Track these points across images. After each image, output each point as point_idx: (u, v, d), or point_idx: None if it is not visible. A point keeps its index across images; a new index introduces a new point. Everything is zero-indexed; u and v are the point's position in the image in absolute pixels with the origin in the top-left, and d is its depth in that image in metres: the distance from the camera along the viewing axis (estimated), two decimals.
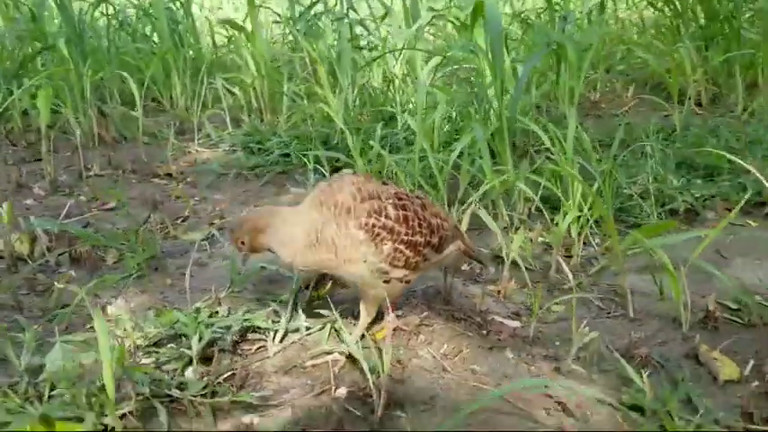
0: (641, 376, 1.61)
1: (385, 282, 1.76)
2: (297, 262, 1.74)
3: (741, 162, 2.82)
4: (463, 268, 2.37)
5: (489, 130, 2.75)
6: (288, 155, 3.49)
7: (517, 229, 2.46)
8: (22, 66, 4.48)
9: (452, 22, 3.04)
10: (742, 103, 4.07)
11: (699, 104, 4.51)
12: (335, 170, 3.28)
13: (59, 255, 2.53)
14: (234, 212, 2.98)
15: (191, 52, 4.81)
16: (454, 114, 3.17)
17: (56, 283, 2.16)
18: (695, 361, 1.79)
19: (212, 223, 2.86)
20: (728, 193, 2.88)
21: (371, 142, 2.76)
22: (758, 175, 2.77)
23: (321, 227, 1.68)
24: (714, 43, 4.71)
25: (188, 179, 3.48)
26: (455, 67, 3.74)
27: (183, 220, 2.93)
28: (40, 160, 3.73)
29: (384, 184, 1.82)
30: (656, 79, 4.93)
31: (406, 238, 1.73)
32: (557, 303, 2.06)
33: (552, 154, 2.72)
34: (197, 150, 3.89)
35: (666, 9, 5.29)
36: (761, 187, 2.71)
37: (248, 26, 4.26)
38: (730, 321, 1.98)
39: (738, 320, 1.98)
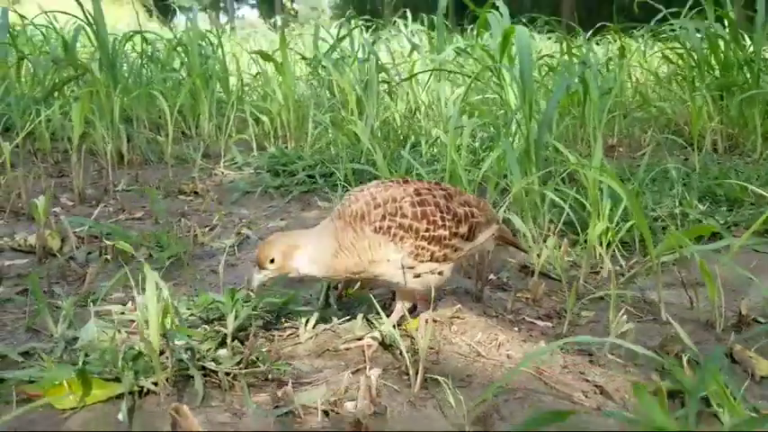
0: (681, 365, 1.61)
1: (416, 276, 1.77)
2: (329, 274, 1.74)
3: (763, 192, 2.89)
4: (490, 278, 2.38)
5: (517, 151, 2.80)
6: (313, 176, 3.54)
7: (547, 237, 2.47)
8: (53, 91, 4.60)
9: (484, 50, 3.12)
10: (760, 148, 4.12)
11: (715, 151, 4.59)
12: None
13: (89, 253, 2.56)
14: (260, 225, 3.01)
15: (218, 84, 4.93)
16: (479, 141, 3.22)
17: (88, 271, 2.18)
18: (730, 359, 1.78)
19: (239, 233, 2.89)
20: (753, 222, 2.89)
21: (402, 152, 2.80)
22: None
23: (341, 234, 1.71)
24: (730, 93, 4.81)
25: (214, 196, 3.52)
26: (479, 97, 3.82)
27: (210, 230, 2.95)
28: (66, 176, 3.80)
29: (405, 182, 1.83)
30: (673, 127, 5.04)
31: (427, 234, 1.73)
32: (587, 309, 2.07)
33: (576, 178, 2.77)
34: (222, 173, 3.95)
35: (681, 61, 5.44)
36: None
37: (278, 58, 4.38)
38: (762, 326, 1.98)
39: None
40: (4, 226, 2.90)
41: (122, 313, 1.86)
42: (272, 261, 1.72)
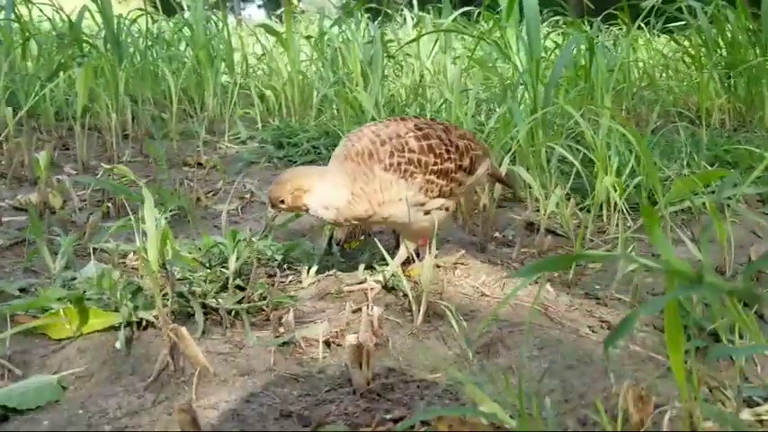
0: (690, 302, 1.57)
1: (426, 214, 1.73)
2: (340, 219, 1.69)
3: None
4: (495, 235, 2.35)
5: (524, 111, 2.77)
6: (317, 147, 3.51)
7: (550, 193, 2.43)
8: (58, 70, 4.59)
9: (488, 8, 3.08)
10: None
11: (722, 128, 4.54)
12: None
13: (90, 213, 2.53)
14: (264, 191, 2.99)
15: (223, 64, 4.91)
16: (485, 110, 3.19)
17: (90, 220, 2.16)
18: (743, 304, 1.75)
19: (242, 197, 2.86)
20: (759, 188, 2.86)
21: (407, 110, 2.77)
22: None
23: (352, 179, 1.66)
24: (737, 71, 4.76)
25: (218, 167, 3.50)
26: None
27: (214, 194, 2.93)
28: (70, 149, 3.79)
29: (403, 119, 1.78)
30: (680, 107, 4.98)
31: (435, 167, 1.69)
32: (593, 262, 2.03)
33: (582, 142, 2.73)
34: (227, 146, 3.93)
35: (688, 42, 5.39)
36: None
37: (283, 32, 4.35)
38: None
39: None
40: (6, 190, 2.89)
41: (121, 250, 1.83)
42: (281, 202, 1.68)
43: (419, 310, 1.55)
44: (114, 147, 3.62)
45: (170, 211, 2.34)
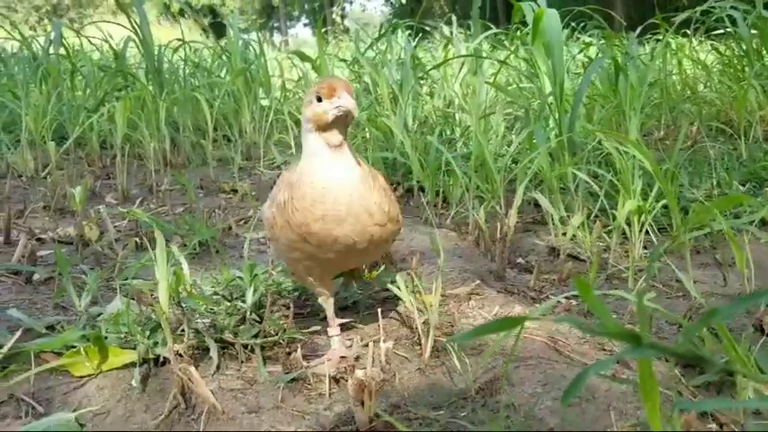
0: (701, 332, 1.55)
1: None
2: None
3: None
4: (518, 261, 2.35)
5: (548, 134, 2.76)
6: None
7: (571, 216, 2.42)
8: (103, 100, 4.78)
9: (514, 35, 3.09)
10: None
11: (766, 141, 4.42)
12: (393, 183, 3.33)
13: (125, 245, 2.63)
14: None
15: (261, 89, 5.02)
16: (505, 125, 3.19)
17: (119, 254, 2.25)
18: (760, 332, 1.71)
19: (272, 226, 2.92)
20: None
21: (429, 137, 2.80)
22: None
23: None
24: None
25: (253, 193, 3.58)
26: (512, 86, 3.79)
27: (244, 222, 3.00)
28: (113, 178, 3.92)
29: None
30: (722, 118, 4.88)
31: None
32: (615, 288, 2.02)
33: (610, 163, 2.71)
34: (262, 171, 4.02)
35: (729, 52, 5.28)
36: None
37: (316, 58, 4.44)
38: None
39: None
40: (49, 221, 3.01)
41: (137, 287, 1.90)
42: None
43: (427, 342, 1.57)
44: (153, 175, 3.74)
45: (198, 243, 2.41)
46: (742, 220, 2.13)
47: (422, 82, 4.07)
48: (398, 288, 1.78)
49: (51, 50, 5.17)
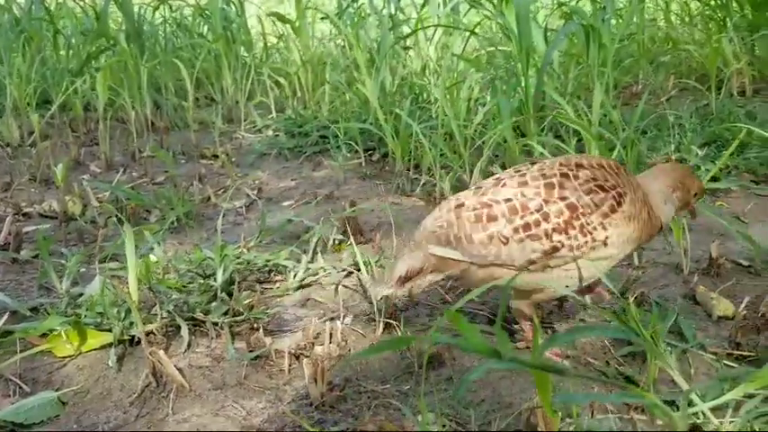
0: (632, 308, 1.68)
1: None
2: None
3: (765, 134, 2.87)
4: None
5: (515, 102, 2.84)
6: (326, 136, 3.65)
7: None
8: (87, 61, 4.81)
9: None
10: None
11: (742, 94, 4.49)
12: (369, 148, 3.43)
13: (108, 217, 2.74)
14: (272, 185, 3.16)
15: (242, 48, 5.04)
16: (478, 90, 3.26)
17: (99, 231, 2.36)
18: (693, 301, 1.85)
19: (248, 195, 3.03)
20: (755, 166, 2.90)
21: (397, 110, 2.89)
22: None
23: None
24: (759, 33, 4.67)
25: (232, 159, 3.67)
26: (491, 48, 3.84)
27: (223, 191, 3.11)
28: (97, 144, 4.01)
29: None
30: (701, 70, 4.92)
31: None
32: None
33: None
34: (243, 136, 4.10)
35: (712, 2, 5.28)
36: None
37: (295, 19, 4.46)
38: (735, 269, 2.02)
39: (742, 265, 2.02)
40: (35, 194, 3.12)
41: (117, 269, 2.02)
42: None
43: (380, 319, 1.70)
44: (135, 141, 3.82)
45: (175, 218, 2.52)
46: None
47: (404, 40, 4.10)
48: (361, 263, 1.91)
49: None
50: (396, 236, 2.31)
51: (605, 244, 1.44)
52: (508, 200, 1.43)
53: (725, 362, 1.57)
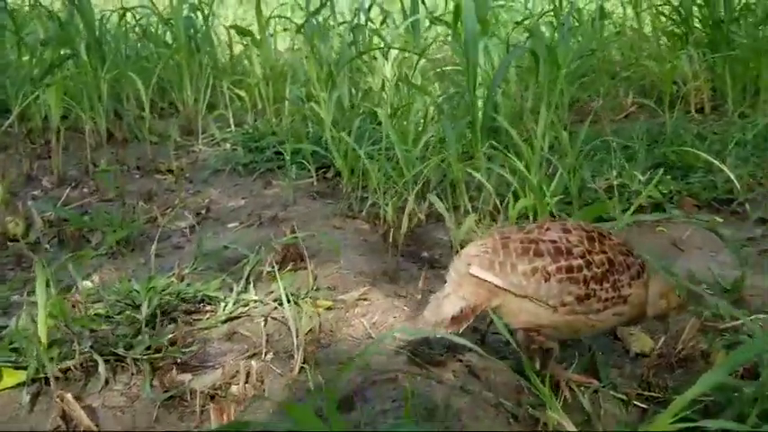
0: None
1: None
2: None
3: (713, 160, 2.91)
4: (423, 255, 2.48)
5: (463, 126, 2.85)
6: (281, 152, 3.64)
7: (467, 213, 2.53)
8: (50, 70, 4.76)
9: (434, 19, 3.14)
10: (732, 107, 4.11)
11: (701, 111, 4.53)
12: (323, 165, 3.42)
13: (50, 239, 2.72)
14: (221, 204, 3.15)
15: (206, 58, 5.01)
16: (431, 112, 3.27)
17: (35, 259, 2.34)
18: (614, 337, 1.87)
19: (198, 213, 3.02)
20: (698, 191, 2.93)
21: (342, 133, 2.89)
22: (728, 172, 2.85)
23: None
24: (717, 50, 4.72)
25: (186, 175, 3.66)
26: (449, 68, 3.85)
27: (172, 210, 3.09)
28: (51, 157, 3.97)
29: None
30: (660, 86, 4.96)
31: None
32: None
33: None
34: (200, 149, 4.08)
35: (673, 17, 5.33)
36: (732, 186, 2.79)
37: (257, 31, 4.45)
38: None
39: None
40: None
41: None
42: None
43: (297, 358, 1.71)
44: (90, 155, 3.79)
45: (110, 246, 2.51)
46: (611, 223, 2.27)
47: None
48: (283, 296, 1.91)
49: None
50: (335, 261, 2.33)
51: (625, 302, 1.53)
52: (554, 241, 1.49)
53: (634, 402, 1.59)
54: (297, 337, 1.75)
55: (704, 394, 1.50)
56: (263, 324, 1.94)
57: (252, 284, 2.17)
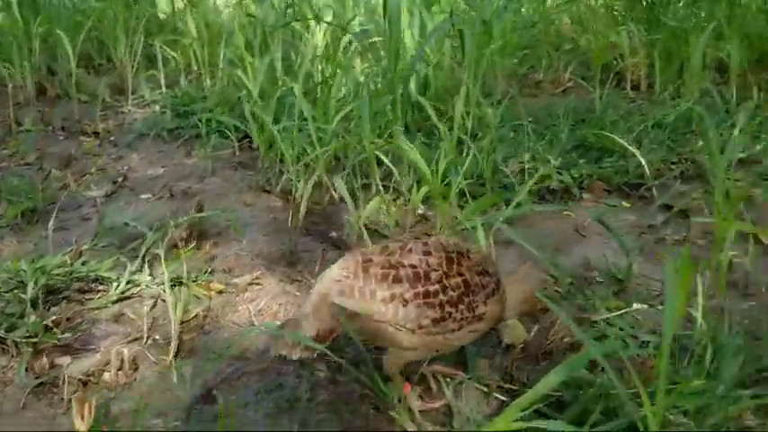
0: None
1: None
2: None
3: (625, 144, 2.96)
4: (331, 235, 2.50)
5: (386, 103, 2.84)
6: (209, 119, 3.60)
7: (378, 193, 2.55)
8: None
9: None
10: (660, 88, 4.17)
11: (636, 88, 4.57)
12: (246, 136, 3.39)
13: None
14: (139, 172, 3.12)
15: (142, 13, 4.88)
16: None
17: None
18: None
19: (115, 182, 3.00)
20: (609, 175, 2.98)
21: (258, 111, 2.87)
22: (639, 157, 2.90)
23: None
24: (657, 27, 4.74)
25: (111, 138, 3.61)
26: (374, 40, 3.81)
27: (88, 176, 3.06)
28: None
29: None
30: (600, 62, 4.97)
31: None
32: None
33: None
34: (130, 110, 4.02)
35: None
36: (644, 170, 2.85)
37: None
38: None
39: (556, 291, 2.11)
40: None
41: None
42: None
43: (173, 346, 1.73)
44: (13, 116, 3.71)
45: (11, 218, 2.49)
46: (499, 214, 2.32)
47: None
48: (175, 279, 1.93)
49: None
50: (237, 242, 2.34)
51: (480, 320, 1.56)
52: (414, 266, 1.51)
53: (495, 395, 1.65)
54: (174, 324, 1.77)
55: (556, 389, 1.58)
56: (148, 308, 1.95)
57: (147, 264, 2.17)
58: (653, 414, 1.26)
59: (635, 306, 2.04)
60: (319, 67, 3.41)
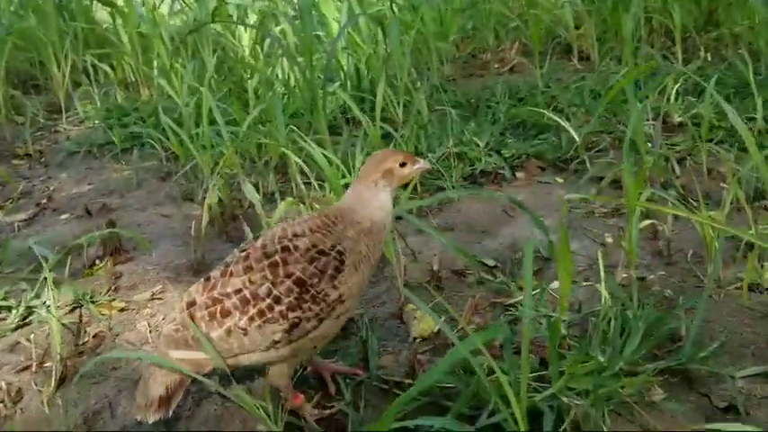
0: None
1: None
2: None
3: (557, 119, 2.89)
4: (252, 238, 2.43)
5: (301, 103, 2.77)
6: (140, 133, 3.52)
7: (300, 193, 2.48)
8: None
9: None
10: (598, 59, 4.10)
11: (587, 59, 4.49)
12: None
13: None
14: (64, 192, 3.04)
15: (78, 29, 4.78)
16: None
17: None
18: (399, 321, 1.85)
19: (38, 204, 2.92)
20: (544, 151, 2.91)
21: (166, 119, 2.79)
22: (572, 132, 2.83)
23: None
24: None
25: (43, 159, 3.53)
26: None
27: (13, 201, 2.97)
28: None
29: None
30: (551, 35, 4.89)
31: None
32: None
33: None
34: (65, 129, 3.93)
35: None
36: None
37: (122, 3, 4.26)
38: (455, 281, 2.03)
39: (463, 275, 2.04)
40: None
41: None
42: None
43: (56, 374, 1.66)
44: None
45: None
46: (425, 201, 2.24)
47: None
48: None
49: None
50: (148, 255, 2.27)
51: (341, 302, 1.44)
52: (238, 291, 1.40)
53: (394, 391, 1.58)
54: (55, 352, 1.69)
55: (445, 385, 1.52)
56: (45, 335, 1.88)
57: (49, 288, 2.09)
58: (518, 406, 1.19)
59: (554, 284, 1.98)
60: (243, 71, 3.33)
